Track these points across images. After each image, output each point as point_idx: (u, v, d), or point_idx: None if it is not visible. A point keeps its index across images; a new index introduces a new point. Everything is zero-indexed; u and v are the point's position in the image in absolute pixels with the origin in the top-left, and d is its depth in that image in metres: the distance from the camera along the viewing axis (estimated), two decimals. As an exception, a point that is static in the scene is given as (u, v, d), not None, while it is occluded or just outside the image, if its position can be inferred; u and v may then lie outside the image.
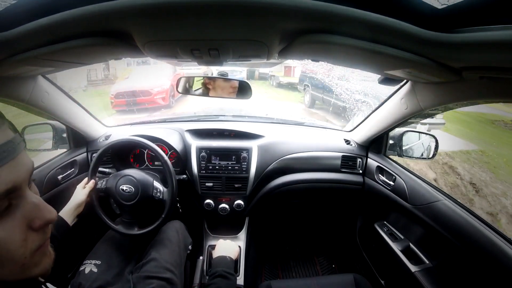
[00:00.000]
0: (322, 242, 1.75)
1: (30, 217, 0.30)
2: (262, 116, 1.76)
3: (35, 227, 0.31)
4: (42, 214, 0.31)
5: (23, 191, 0.30)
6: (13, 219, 0.29)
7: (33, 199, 0.32)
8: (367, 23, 0.38)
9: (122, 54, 0.59)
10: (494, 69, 0.42)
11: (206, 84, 1.00)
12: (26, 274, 0.31)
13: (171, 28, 0.43)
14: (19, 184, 0.29)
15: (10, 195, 0.28)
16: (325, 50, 0.49)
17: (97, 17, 0.39)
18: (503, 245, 0.71)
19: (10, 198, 0.29)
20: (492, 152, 4.45)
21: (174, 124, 1.40)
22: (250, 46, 0.49)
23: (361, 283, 0.95)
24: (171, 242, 0.96)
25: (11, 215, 0.29)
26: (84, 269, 0.84)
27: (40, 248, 0.32)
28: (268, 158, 1.26)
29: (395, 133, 1.20)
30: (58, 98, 0.97)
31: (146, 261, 0.88)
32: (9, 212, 0.29)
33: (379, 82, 0.81)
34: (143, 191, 0.94)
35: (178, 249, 0.97)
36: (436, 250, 0.96)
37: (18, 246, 0.29)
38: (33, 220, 0.31)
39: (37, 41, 0.47)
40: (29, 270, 0.31)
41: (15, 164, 0.29)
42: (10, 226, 0.28)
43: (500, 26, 0.34)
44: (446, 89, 0.67)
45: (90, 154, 1.24)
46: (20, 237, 0.29)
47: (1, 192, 0.27)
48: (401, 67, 0.54)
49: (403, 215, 1.11)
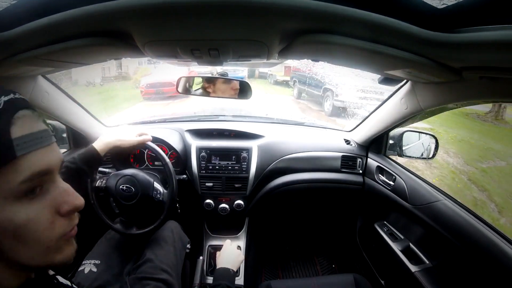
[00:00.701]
0: (322, 242, 1.75)
1: (59, 202, 0.33)
2: (262, 116, 1.76)
3: (63, 212, 0.33)
4: (70, 199, 0.34)
5: (54, 176, 0.33)
6: (43, 201, 0.31)
7: (63, 185, 0.34)
8: (367, 23, 0.38)
9: (122, 54, 0.59)
10: (494, 69, 0.42)
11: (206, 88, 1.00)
12: (48, 259, 0.32)
13: (171, 28, 0.43)
14: (52, 168, 0.32)
15: (43, 178, 0.31)
16: (325, 50, 0.49)
17: (97, 17, 0.39)
18: (503, 245, 0.71)
19: (42, 181, 0.31)
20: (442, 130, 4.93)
21: (174, 124, 1.40)
22: (250, 46, 0.49)
23: (361, 283, 0.95)
24: (166, 242, 0.96)
25: (41, 198, 0.31)
26: (84, 269, 0.84)
27: (65, 235, 0.34)
28: (268, 158, 1.26)
29: (395, 133, 1.20)
30: (58, 98, 0.97)
31: (142, 262, 0.87)
32: (40, 195, 0.31)
33: (379, 82, 0.81)
34: (143, 191, 0.93)
35: (174, 249, 0.97)
36: (436, 250, 0.96)
37: (45, 228, 0.31)
38: (61, 205, 0.33)
39: (37, 41, 0.47)
40: (52, 255, 0.33)
41: (50, 150, 0.32)
42: (40, 207, 0.31)
43: (500, 26, 0.34)
44: (446, 89, 0.67)
45: None
46: (48, 219, 0.31)
47: (36, 172, 0.30)
48: (401, 67, 0.54)
49: (403, 215, 1.11)
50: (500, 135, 5.60)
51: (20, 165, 0.29)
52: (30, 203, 0.30)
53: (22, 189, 0.29)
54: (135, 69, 10.50)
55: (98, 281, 0.81)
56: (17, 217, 0.29)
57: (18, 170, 0.28)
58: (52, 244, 0.32)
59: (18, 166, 0.28)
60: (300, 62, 5.61)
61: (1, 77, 0.66)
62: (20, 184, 0.29)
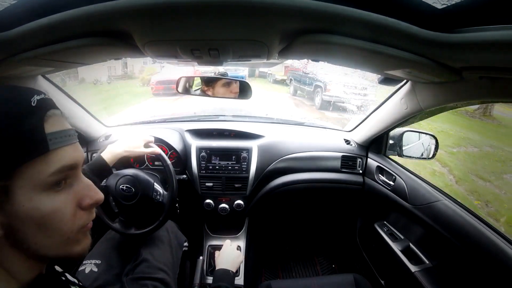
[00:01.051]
0: (322, 242, 1.75)
1: (82, 196, 0.35)
2: (262, 116, 1.76)
3: (84, 205, 0.35)
4: (92, 194, 0.36)
5: (78, 172, 0.36)
6: (67, 194, 0.34)
7: (86, 180, 0.37)
8: (367, 23, 0.38)
9: (122, 54, 0.59)
10: (494, 69, 0.42)
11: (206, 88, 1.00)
12: (67, 250, 0.35)
13: (171, 28, 0.43)
14: (78, 163, 0.35)
15: (69, 172, 0.34)
16: (325, 50, 0.49)
17: (97, 17, 0.39)
18: (503, 245, 0.71)
19: (68, 175, 0.34)
20: (424, 123, 5.22)
21: (174, 124, 1.40)
22: (250, 46, 0.49)
23: (361, 283, 0.95)
24: (162, 242, 0.96)
25: (66, 190, 0.34)
26: (84, 269, 0.84)
27: (84, 227, 0.36)
28: (268, 158, 1.26)
29: (395, 133, 1.20)
30: (58, 98, 0.97)
31: (138, 262, 0.87)
32: (65, 188, 0.34)
33: (379, 82, 0.81)
34: (143, 192, 0.93)
35: (170, 248, 0.97)
36: (436, 250, 0.96)
37: (68, 219, 0.33)
38: (83, 198, 0.35)
39: (37, 41, 0.47)
40: (70, 246, 0.35)
41: (76, 147, 0.35)
42: (64, 199, 0.33)
43: (500, 26, 0.34)
44: (446, 89, 0.67)
45: (90, 154, 1.24)
46: (71, 211, 0.34)
47: (65, 166, 0.32)
48: (401, 67, 0.54)
49: (403, 215, 1.11)
50: (484, 129, 6.00)
51: (51, 158, 0.31)
52: (56, 195, 0.32)
53: (51, 181, 0.31)
54: (140, 68, 10.99)
55: (99, 281, 0.81)
56: (43, 207, 0.31)
57: (49, 163, 0.31)
58: (72, 235, 0.34)
59: (49, 159, 0.31)
60: (295, 62, 6.26)
61: (1, 77, 0.66)
62: (49, 176, 0.31)
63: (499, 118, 6.72)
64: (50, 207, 0.31)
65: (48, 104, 0.34)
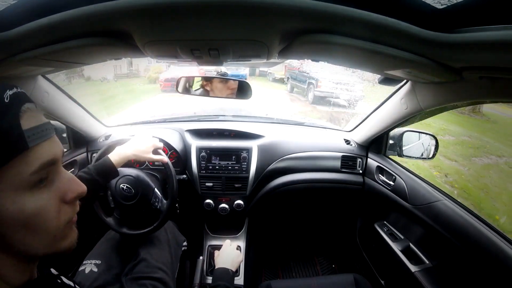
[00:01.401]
0: (322, 242, 1.75)
1: (64, 190, 0.34)
2: (262, 116, 1.76)
3: (67, 199, 0.34)
4: (74, 187, 0.36)
5: (59, 167, 0.35)
6: (49, 191, 0.33)
7: (67, 174, 0.36)
8: (367, 23, 0.38)
9: (122, 54, 0.59)
10: (494, 69, 0.42)
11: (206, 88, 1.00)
12: (55, 247, 0.34)
13: (171, 28, 0.42)
14: (57, 158, 0.34)
15: (49, 168, 0.32)
16: (325, 50, 0.49)
17: (97, 17, 0.39)
18: (503, 245, 0.71)
19: (48, 171, 0.32)
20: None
21: (174, 124, 1.40)
22: (250, 46, 0.49)
23: (361, 283, 0.95)
24: (160, 241, 0.96)
25: (48, 187, 0.33)
26: (84, 269, 0.84)
27: (69, 222, 0.35)
28: (268, 158, 1.26)
29: (395, 133, 1.20)
30: (58, 98, 0.97)
31: (137, 262, 0.87)
32: (47, 184, 0.33)
33: (379, 82, 0.81)
34: (142, 194, 0.93)
35: (168, 248, 0.97)
36: (436, 250, 0.96)
37: (53, 217, 0.32)
38: (66, 193, 0.34)
39: (37, 41, 0.47)
40: (58, 242, 0.34)
41: (54, 141, 0.34)
42: (48, 196, 0.32)
43: (500, 26, 0.34)
44: (446, 89, 0.67)
45: (90, 154, 1.24)
46: (56, 208, 0.33)
47: (44, 163, 0.31)
48: (401, 67, 0.54)
49: (403, 215, 1.11)
50: (468, 123, 6.20)
51: (31, 156, 0.30)
52: (39, 193, 0.31)
53: (33, 180, 0.30)
54: (145, 67, 11.34)
55: (99, 281, 0.81)
56: (27, 207, 0.30)
57: (29, 162, 0.30)
58: (59, 231, 0.33)
59: (28, 158, 0.29)
60: (293, 61, 6.79)
61: (1, 77, 0.66)
62: (31, 175, 0.30)
63: (490, 115, 6.81)
64: (35, 207, 0.30)
65: (22, 98, 0.31)
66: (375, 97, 6.16)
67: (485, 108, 6.78)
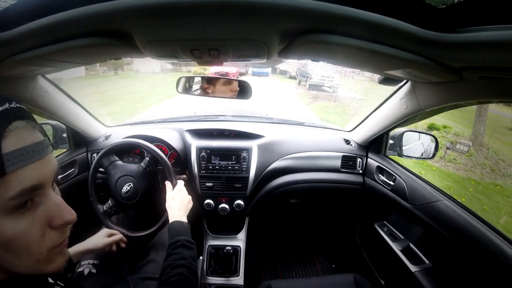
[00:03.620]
0: (322, 242, 1.75)
1: (51, 215, 0.32)
2: (262, 116, 1.76)
3: (54, 225, 0.32)
4: (62, 214, 0.33)
5: (46, 190, 0.32)
6: (34, 214, 0.31)
7: (55, 198, 0.33)
8: (367, 23, 0.38)
9: (122, 54, 0.59)
10: (494, 69, 0.42)
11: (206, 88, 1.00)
12: (39, 270, 0.32)
13: (171, 28, 0.43)
14: (44, 182, 0.31)
15: (34, 192, 0.30)
16: (325, 50, 0.49)
17: (97, 17, 0.39)
18: (503, 245, 0.71)
19: (34, 194, 0.30)
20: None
21: (174, 124, 1.40)
22: (250, 46, 0.49)
23: (361, 283, 0.95)
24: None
25: (33, 211, 0.31)
26: (83, 271, 0.83)
27: (57, 246, 0.33)
28: (268, 158, 1.26)
29: (395, 133, 1.20)
30: (58, 98, 0.97)
31: (145, 262, 0.87)
32: (31, 208, 0.30)
33: (379, 82, 0.81)
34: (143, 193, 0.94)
35: None
36: (436, 250, 0.96)
37: (35, 240, 0.30)
38: (53, 219, 0.32)
39: (37, 41, 0.47)
40: (42, 266, 0.32)
41: (42, 163, 0.31)
42: (30, 221, 0.30)
43: (500, 26, 0.34)
44: (446, 89, 0.67)
45: (90, 154, 1.24)
46: (39, 232, 0.31)
47: (26, 188, 0.29)
48: (401, 67, 0.54)
49: (403, 215, 1.11)
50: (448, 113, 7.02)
51: (10, 182, 0.28)
52: (20, 217, 0.29)
53: (12, 205, 0.28)
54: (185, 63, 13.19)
55: (100, 282, 0.81)
56: (6, 231, 0.28)
57: (8, 187, 0.27)
58: (42, 256, 0.31)
59: (8, 183, 0.27)
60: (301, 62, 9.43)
61: (1, 77, 0.66)
62: (9, 200, 0.28)
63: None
64: (14, 231, 0.29)
65: (12, 115, 0.29)
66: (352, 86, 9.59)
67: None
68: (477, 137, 4.95)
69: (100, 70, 12.56)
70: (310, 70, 10.14)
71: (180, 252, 0.68)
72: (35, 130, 0.32)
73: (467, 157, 4.57)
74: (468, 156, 4.60)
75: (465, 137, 5.21)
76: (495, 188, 4.01)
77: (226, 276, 1.23)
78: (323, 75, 9.83)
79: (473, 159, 4.55)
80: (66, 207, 0.34)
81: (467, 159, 4.56)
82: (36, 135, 0.32)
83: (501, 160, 4.63)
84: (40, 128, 0.33)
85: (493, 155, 4.72)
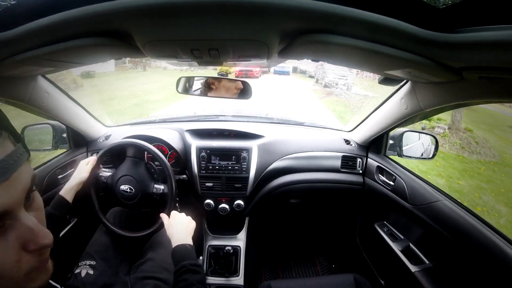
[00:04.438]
0: (322, 242, 1.75)
1: (24, 241, 0.29)
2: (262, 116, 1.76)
3: (29, 250, 0.29)
4: (36, 239, 0.29)
5: (16, 213, 0.28)
6: (5, 240, 0.27)
7: (28, 222, 0.29)
8: (367, 23, 0.38)
9: (122, 54, 0.59)
10: (494, 69, 0.42)
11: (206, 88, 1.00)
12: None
13: (171, 28, 0.43)
14: (11, 208, 0.27)
15: (2, 218, 0.27)
16: (325, 50, 0.49)
17: (97, 17, 0.39)
18: (503, 245, 0.71)
19: (3, 218, 0.27)
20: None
21: (174, 124, 1.40)
22: (250, 46, 0.49)
23: (361, 283, 0.95)
24: (168, 243, 0.96)
25: (3, 237, 0.27)
26: (80, 272, 0.82)
27: (37, 268, 0.30)
28: (268, 158, 1.26)
29: (395, 133, 1.20)
30: (58, 98, 0.97)
31: (143, 261, 0.87)
32: (2, 233, 0.27)
33: (379, 82, 0.81)
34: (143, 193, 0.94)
35: None
36: (436, 250, 0.96)
37: (10, 266, 0.27)
38: (27, 244, 0.29)
39: (37, 41, 0.47)
40: (23, 285, 0.30)
41: (8, 185, 0.26)
42: (3, 246, 0.27)
43: (500, 26, 0.34)
44: (446, 89, 0.67)
45: (90, 154, 1.24)
46: (13, 258, 0.28)
47: None
48: (401, 67, 0.54)
49: (403, 215, 1.11)
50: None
51: None
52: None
53: None
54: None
55: (98, 284, 0.81)
56: None
57: None
58: (21, 279, 0.29)
59: None
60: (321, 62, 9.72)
61: (1, 77, 0.66)
62: None
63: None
64: None
65: None
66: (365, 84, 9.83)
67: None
68: (454, 123, 6.20)
69: (128, 65, 13.85)
70: (326, 70, 11.53)
71: (186, 279, 0.67)
72: (2, 139, 0.26)
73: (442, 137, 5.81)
74: (443, 136, 5.84)
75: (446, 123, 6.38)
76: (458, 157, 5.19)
77: (226, 276, 1.23)
78: (338, 74, 10.91)
79: (446, 139, 5.78)
80: (40, 230, 0.30)
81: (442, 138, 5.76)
82: (3, 147, 0.26)
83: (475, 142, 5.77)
84: (10, 134, 0.28)
85: (469, 138, 5.89)
